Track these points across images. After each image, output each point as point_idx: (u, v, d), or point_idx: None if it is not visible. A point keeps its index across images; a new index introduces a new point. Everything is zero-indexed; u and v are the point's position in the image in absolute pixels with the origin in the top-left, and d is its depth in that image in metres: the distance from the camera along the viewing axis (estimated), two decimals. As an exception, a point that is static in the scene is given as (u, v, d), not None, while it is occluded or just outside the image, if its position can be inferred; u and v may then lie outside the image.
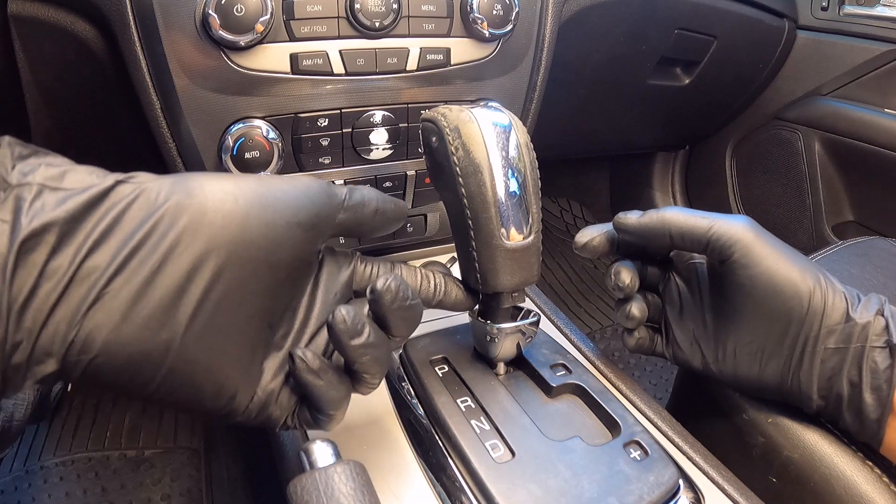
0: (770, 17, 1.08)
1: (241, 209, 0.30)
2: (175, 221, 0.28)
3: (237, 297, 0.30)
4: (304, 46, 0.52)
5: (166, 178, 0.30)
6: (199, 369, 0.30)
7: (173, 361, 0.29)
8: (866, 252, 0.76)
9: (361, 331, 0.33)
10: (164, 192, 0.29)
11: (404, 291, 0.34)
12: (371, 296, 0.34)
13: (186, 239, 0.28)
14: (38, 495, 0.87)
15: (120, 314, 0.27)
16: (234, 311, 0.30)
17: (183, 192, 0.29)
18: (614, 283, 0.50)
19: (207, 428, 1.02)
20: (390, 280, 0.34)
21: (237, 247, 0.30)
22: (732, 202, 1.37)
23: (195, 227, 0.29)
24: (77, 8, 0.52)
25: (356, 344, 0.33)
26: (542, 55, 0.65)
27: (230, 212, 0.30)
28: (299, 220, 0.32)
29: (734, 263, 0.44)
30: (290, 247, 0.32)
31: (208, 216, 0.29)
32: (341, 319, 0.32)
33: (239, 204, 0.30)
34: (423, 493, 0.42)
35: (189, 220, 0.29)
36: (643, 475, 0.41)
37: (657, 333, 0.53)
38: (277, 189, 0.32)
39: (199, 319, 0.29)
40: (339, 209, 0.35)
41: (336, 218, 0.35)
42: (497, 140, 0.42)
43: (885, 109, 1.05)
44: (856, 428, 0.43)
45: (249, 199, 0.31)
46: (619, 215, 0.49)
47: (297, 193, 0.33)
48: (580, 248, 0.51)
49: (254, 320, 0.32)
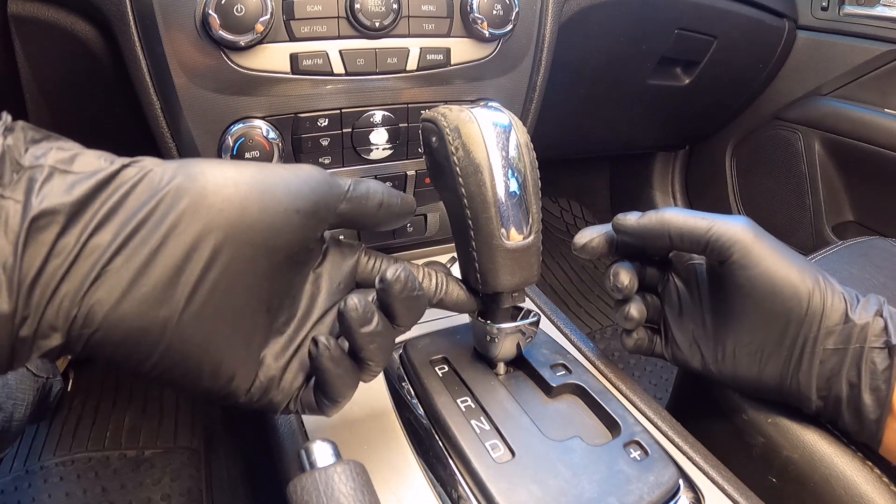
0: (770, 17, 1.08)
1: (241, 193, 0.31)
2: (176, 203, 0.29)
3: (234, 279, 0.31)
4: (304, 46, 0.52)
5: (170, 163, 0.31)
6: (195, 348, 0.30)
7: (170, 339, 0.29)
8: (866, 252, 0.76)
9: (371, 319, 0.34)
10: (167, 175, 0.30)
11: (412, 282, 0.35)
12: (381, 284, 0.35)
13: (186, 220, 0.29)
14: (38, 495, 0.87)
15: (120, 291, 0.28)
16: (231, 292, 0.31)
17: (185, 176, 0.30)
18: (613, 284, 0.50)
19: (207, 428, 1.02)
20: (400, 270, 0.35)
21: (235, 229, 0.30)
22: (732, 202, 1.37)
23: (195, 209, 0.29)
24: (77, 8, 0.52)
25: (366, 331, 0.34)
26: (542, 55, 0.65)
27: (229, 195, 0.31)
28: (298, 207, 0.33)
29: (733, 264, 0.44)
30: (288, 232, 0.33)
31: (208, 199, 0.30)
32: (353, 307, 0.33)
33: (238, 189, 0.31)
34: (423, 493, 0.42)
35: (189, 203, 0.29)
36: (643, 475, 0.41)
37: (656, 334, 0.53)
38: (278, 176, 0.33)
39: (197, 299, 0.30)
40: (341, 200, 0.36)
41: (337, 208, 0.36)
42: (497, 140, 0.42)
43: (885, 109, 1.05)
44: (855, 428, 0.43)
45: (249, 184, 0.31)
46: (619, 216, 0.49)
47: (298, 181, 0.34)
48: (579, 250, 0.51)
49: (251, 302, 0.33)
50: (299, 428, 0.47)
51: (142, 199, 0.29)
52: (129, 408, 1.03)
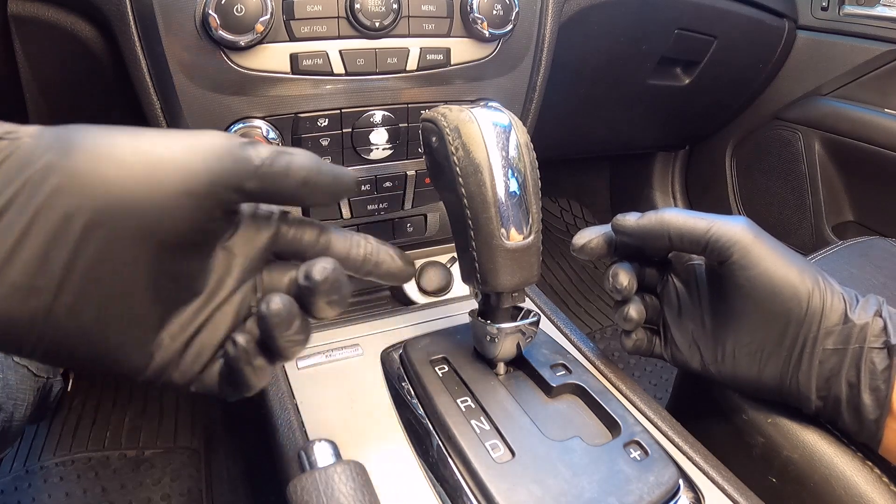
0: (770, 17, 1.08)
1: (118, 172, 0.28)
2: (44, 182, 0.26)
3: (112, 264, 0.28)
4: (304, 46, 0.52)
5: (48, 132, 0.28)
6: (74, 335, 0.28)
7: (42, 330, 0.27)
8: (866, 252, 0.76)
9: (293, 322, 0.32)
10: (39, 148, 0.27)
11: (339, 279, 0.33)
12: (305, 282, 0.32)
13: (54, 202, 0.26)
14: (38, 495, 0.87)
15: None
16: (111, 276, 0.29)
17: (58, 151, 0.27)
18: (612, 284, 0.50)
19: (207, 428, 1.02)
20: (329, 270, 0.32)
21: (109, 211, 0.28)
22: (732, 202, 1.37)
23: (64, 190, 0.27)
24: (77, 8, 0.52)
25: (287, 334, 0.32)
26: (542, 55, 0.65)
27: (104, 174, 0.27)
28: (189, 189, 0.29)
29: (733, 265, 0.44)
30: (176, 216, 0.29)
31: (79, 178, 0.27)
32: (276, 312, 0.31)
33: (116, 166, 0.28)
34: (423, 493, 0.42)
35: (59, 182, 0.27)
36: (643, 475, 0.41)
37: (655, 335, 0.53)
38: (167, 149, 0.29)
39: (68, 287, 0.27)
40: (250, 176, 0.31)
41: (243, 186, 0.31)
42: (497, 140, 0.42)
43: (885, 109, 1.05)
44: (854, 428, 0.43)
45: (129, 161, 0.28)
46: (618, 217, 0.49)
47: (191, 156, 0.30)
48: (578, 250, 0.51)
49: (137, 286, 0.30)
50: (299, 428, 0.47)
51: (9, 177, 0.26)
52: (129, 408, 1.03)
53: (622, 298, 0.51)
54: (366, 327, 0.58)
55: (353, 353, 0.55)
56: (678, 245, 0.46)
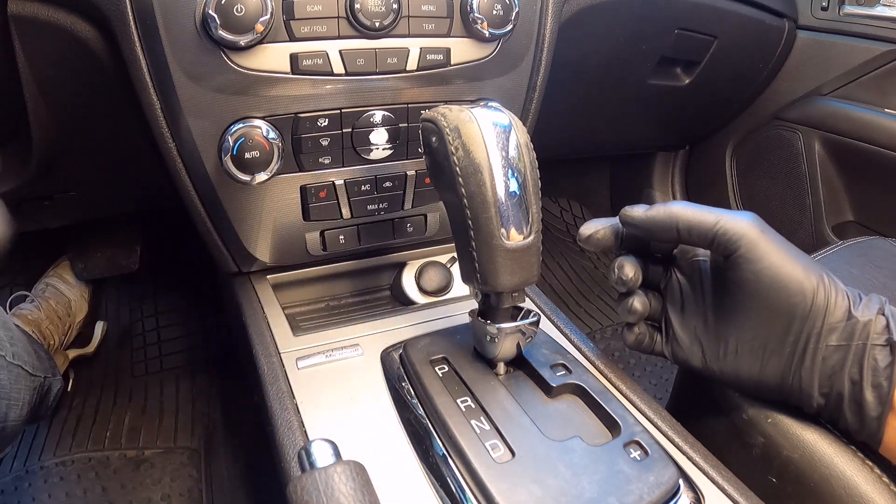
0: (770, 17, 1.08)
1: None
2: None
3: None
4: (304, 46, 0.52)
5: None
6: None
7: None
8: (866, 252, 0.76)
9: None
10: None
11: None
12: None
13: None
14: (38, 495, 0.87)
15: None
16: None
17: None
18: (617, 276, 0.50)
19: (207, 428, 1.02)
20: None
21: None
22: (732, 202, 1.37)
23: None
24: (77, 8, 0.52)
25: None
26: (542, 55, 0.65)
27: None
28: None
29: (739, 258, 0.44)
30: None
31: None
32: None
33: None
34: (423, 493, 0.42)
35: None
36: (643, 475, 0.41)
37: (657, 332, 0.53)
38: None
39: None
40: None
41: None
42: (497, 140, 0.42)
43: (885, 109, 1.05)
44: (856, 426, 0.43)
45: None
46: (626, 208, 0.49)
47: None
48: (584, 240, 0.51)
49: None
50: (299, 428, 0.47)
51: None
52: (129, 408, 1.03)
53: (627, 290, 0.51)
54: (366, 327, 0.58)
55: (353, 353, 0.55)
56: (686, 238, 0.46)
